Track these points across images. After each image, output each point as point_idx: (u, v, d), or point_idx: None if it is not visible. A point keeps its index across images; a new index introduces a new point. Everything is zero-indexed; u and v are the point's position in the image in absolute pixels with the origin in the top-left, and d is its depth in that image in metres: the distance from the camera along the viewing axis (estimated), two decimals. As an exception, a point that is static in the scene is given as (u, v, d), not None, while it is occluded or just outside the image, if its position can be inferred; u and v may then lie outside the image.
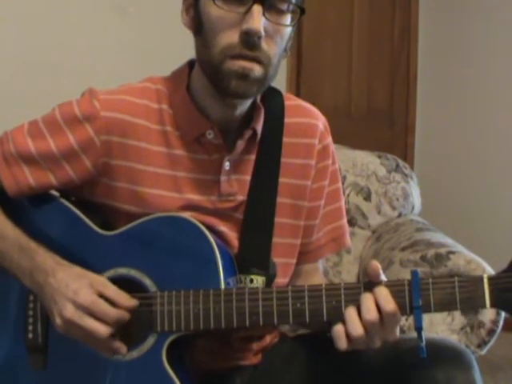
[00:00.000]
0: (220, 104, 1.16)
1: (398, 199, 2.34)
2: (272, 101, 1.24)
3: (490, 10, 3.53)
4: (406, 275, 1.83)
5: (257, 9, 1.07)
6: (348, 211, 2.29)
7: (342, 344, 1.04)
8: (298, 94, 3.26)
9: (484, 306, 1.02)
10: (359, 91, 3.63)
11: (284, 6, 1.11)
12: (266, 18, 1.08)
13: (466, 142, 3.65)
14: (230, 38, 1.09)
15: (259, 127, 1.20)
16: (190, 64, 1.22)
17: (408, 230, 2.16)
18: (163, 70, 1.26)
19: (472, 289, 1.02)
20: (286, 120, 1.24)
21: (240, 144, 1.18)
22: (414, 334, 1.04)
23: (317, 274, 1.32)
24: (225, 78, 1.10)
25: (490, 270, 1.80)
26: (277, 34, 1.11)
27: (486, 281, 1.02)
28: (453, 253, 1.84)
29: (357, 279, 2.24)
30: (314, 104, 1.31)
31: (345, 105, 3.59)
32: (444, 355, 1.10)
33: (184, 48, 1.21)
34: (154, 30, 2.57)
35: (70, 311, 1.07)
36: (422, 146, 3.81)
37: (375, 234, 2.29)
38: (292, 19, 1.13)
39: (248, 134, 1.19)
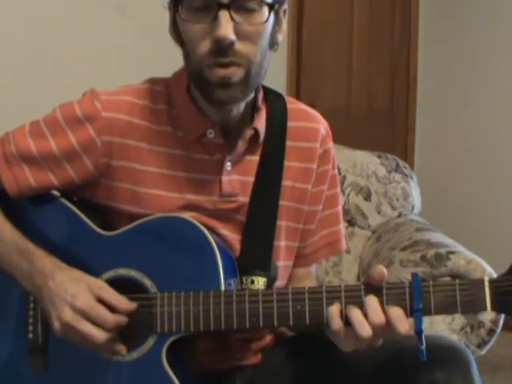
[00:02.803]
0: (214, 107, 1.15)
1: (398, 199, 2.34)
2: (274, 104, 1.23)
3: (490, 10, 3.53)
4: (406, 275, 1.86)
5: (223, 15, 1.05)
6: (348, 211, 2.29)
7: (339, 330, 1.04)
8: (297, 94, 3.26)
9: (485, 309, 1.02)
10: (359, 91, 3.64)
11: (254, 5, 1.08)
12: (236, 22, 1.06)
13: (466, 142, 3.65)
14: (204, 47, 1.08)
15: (261, 127, 1.20)
16: None
17: (408, 230, 2.16)
18: (162, 70, 1.26)
19: (473, 292, 1.01)
20: (289, 123, 1.24)
21: (241, 144, 1.18)
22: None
23: (309, 278, 1.32)
24: (207, 88, 1.10)
25: (490, 270, 1.80)
26: (253, 33, 1.09)
27: (486, 284, 1.01)
28: (453, 253, 1.83)
29: (356, 279, 2.24)
30: (313, 104, 1.31)
31: (345, 105, 3.59)
32: (442, 354, 1.09)
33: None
34: (154, 31, 2.56)
35: (67, 315, 1.06)
36: (422, 145, 3.81)
37: (375, 234, 2.29)
38: (269, 14, 1.09)
39: (249, 133, 1.19)
